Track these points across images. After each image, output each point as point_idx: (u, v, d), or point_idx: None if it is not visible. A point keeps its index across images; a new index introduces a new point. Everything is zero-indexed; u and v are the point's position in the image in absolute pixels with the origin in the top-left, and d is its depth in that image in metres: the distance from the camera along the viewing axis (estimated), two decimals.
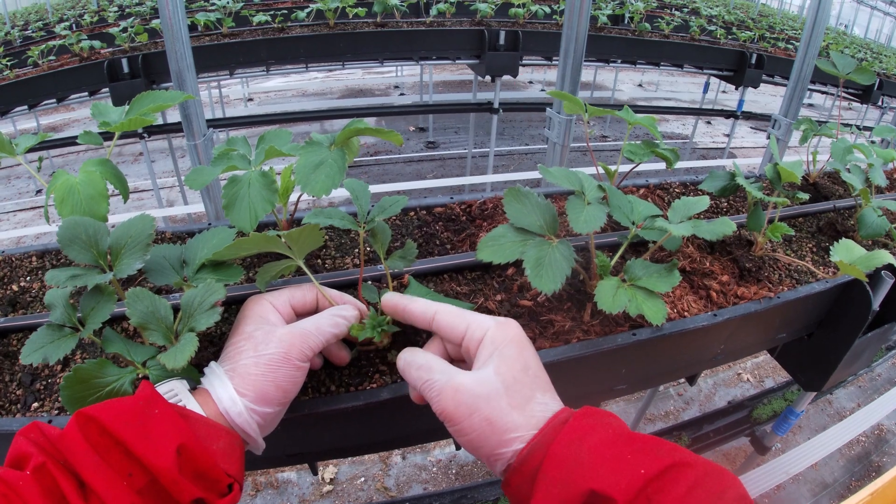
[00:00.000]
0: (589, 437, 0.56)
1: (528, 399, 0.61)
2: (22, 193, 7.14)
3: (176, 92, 0.92)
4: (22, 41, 6.16)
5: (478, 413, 0.60)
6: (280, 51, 4.30)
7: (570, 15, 2.12)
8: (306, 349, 0.68)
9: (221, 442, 0.60)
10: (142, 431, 0.54)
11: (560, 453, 0.55)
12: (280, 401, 0.66)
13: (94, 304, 0.69)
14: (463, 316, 0.68)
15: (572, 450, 0.55)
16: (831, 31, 11.63)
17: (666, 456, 0.54)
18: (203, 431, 0.59)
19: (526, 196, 0.84)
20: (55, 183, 0.80)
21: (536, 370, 0.64)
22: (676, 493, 0.51)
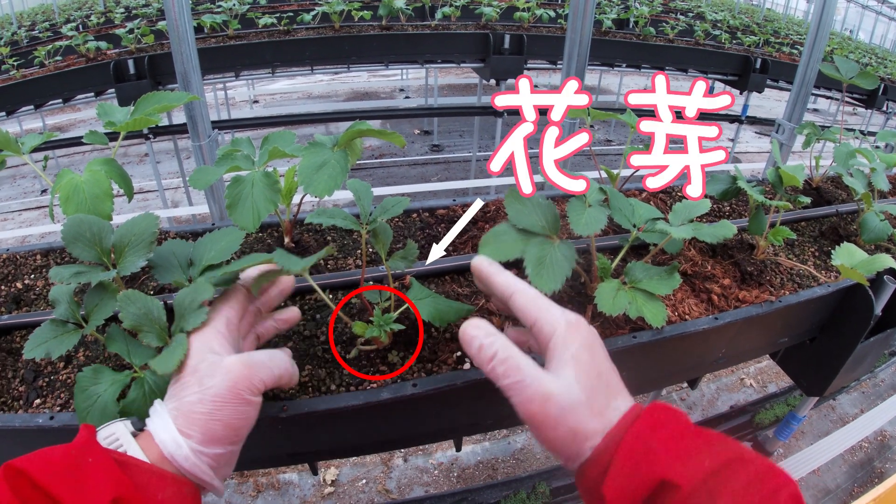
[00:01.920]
0: (658, 430, 0.58)
1: (605, 406, 0.61)
2: (27, 193, 7.17)
3: (181, 93, 0.93)
4: (29, 41, 6.20)
5: (564, 425, 0.61)
6: (285, 53, 4.31)
7: (573, 19, 2.12)
8: (257, 382, 0.62)
9: (168, 491, 0.55)
10: (74, 484, 0.50)
11: (632, 445, 0.57)
12: (231, 440, 0.61)
13: (98, 301, 0.69)
14: (536, 304, 0.67)
15: (643, 441, 0.57)
16: (836, 36, 11.62)
17: (728, 450, 0.56)
18: (144, 480, 0.54)
19: (527, 197, 0.84)
20: (60, 182, 0.81)
21: (608, 374, 0.65)
22: (736, 486, 0.53)
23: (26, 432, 0.73)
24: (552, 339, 0.64)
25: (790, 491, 0.54)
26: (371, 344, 0.81)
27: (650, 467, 0.55)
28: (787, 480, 0.55)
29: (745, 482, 0.53)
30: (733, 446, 0.57)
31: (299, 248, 1.06)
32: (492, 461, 3.26)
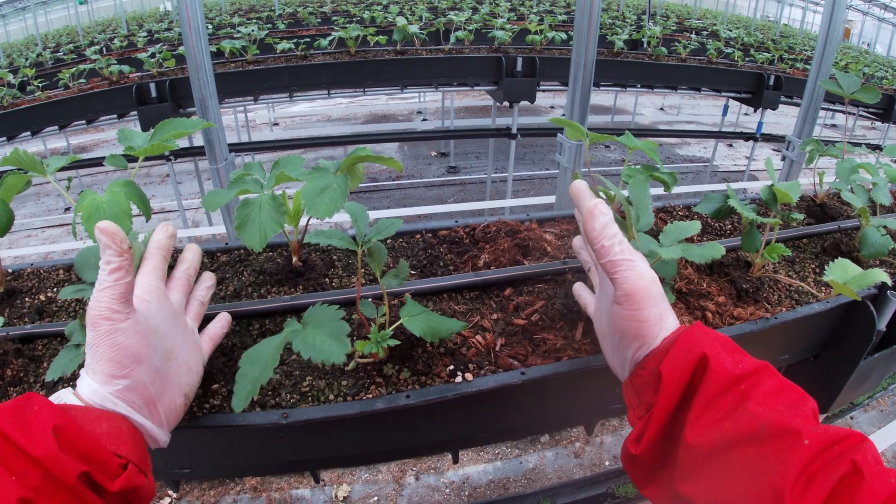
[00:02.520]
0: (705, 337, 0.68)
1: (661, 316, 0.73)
2: (51, 210, 7.36)
3: (197, 120, 0.98)
4: (53, 63, 6.41)
5: (657, 307, 0.73)
6: (303, 77, 4.42)
7: (578, 42, 2.17)
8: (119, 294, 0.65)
9: (105, 425, 0.61)
10: (20, 423, 0.56)
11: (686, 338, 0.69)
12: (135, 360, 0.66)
13: None
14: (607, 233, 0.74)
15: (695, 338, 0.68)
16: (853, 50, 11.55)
17: (758, 361, 0.66)
18: (80, 415, 0.60)
19: None
20: (82, 202, 0.86)
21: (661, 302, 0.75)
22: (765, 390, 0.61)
23: None
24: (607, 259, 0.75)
25: (812, 406, 0.61)
26: (368, 357, 0.85)
27: (695, 347, 0.67)
28: (808, 397, 0.63)
29: (775, 388, 0.62)
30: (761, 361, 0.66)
31: (307, 266, 1.11)
32: (503, 480, 3.25)
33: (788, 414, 0.58)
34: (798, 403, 0.60)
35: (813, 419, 0.59)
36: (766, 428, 0.58)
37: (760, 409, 0.59)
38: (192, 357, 0.78)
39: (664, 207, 1.48)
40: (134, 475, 0.61)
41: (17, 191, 0.99)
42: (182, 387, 0.74)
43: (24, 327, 0.97)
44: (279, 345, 0.71)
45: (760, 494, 0.56)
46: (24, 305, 1.06)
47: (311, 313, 0.77)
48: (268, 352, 0.71)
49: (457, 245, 1.22)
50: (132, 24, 10.88)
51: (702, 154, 9.68)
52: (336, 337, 0.72)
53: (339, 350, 0.70)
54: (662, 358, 0.68)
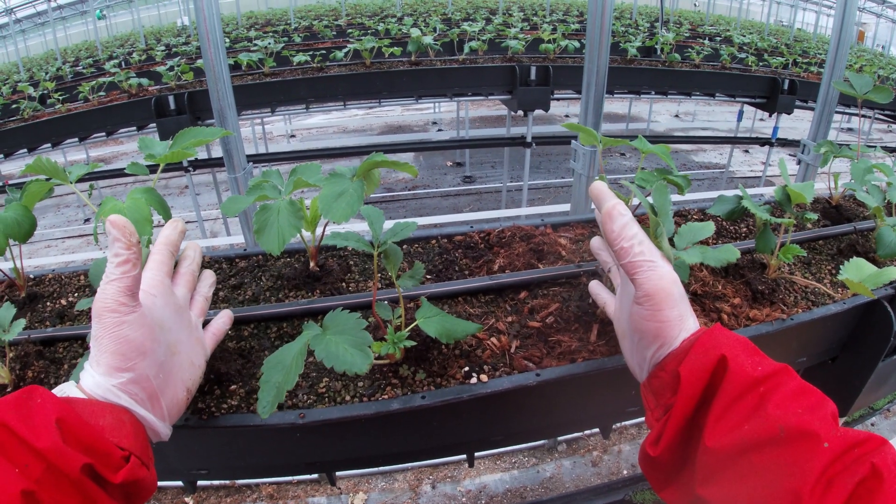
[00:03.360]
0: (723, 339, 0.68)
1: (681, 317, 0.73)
2: (70, 221, 7.49)
3: (216, 128, 1.00)
4: (73, 77, 6.54)
5: (678, 308, 0.73)
6: (319, 89, 4.47)
7: (590, 49, 2.18)
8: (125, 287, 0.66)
9: (108, 417, 0.62)
10: (24, 415, 0.57)
11: (705, 340, 0.68)
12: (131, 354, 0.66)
13: None
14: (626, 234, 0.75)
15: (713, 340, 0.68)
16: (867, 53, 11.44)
17: (779, 364, 0.65)
18: (86, 410, 0.61)
19: None
20: (104, 208, 0.89)
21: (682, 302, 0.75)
22: (784, 393, 0.61)
23: None
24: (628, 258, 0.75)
25: (832, 408, 0.61)
26: (384, 359, 0.86)
27: (714, 349, 0.66)
28: (828, 399, 0.62)
29: (794, 390, 0.62)
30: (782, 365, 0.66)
31: (324, 271, 1.12)
32: (520, 489, 3.24)
33: (807, 417, 0.58)
34: (817, 406, 0.60)
35: (832, 422, 0.59)
36: (786, 431, 0.58)
37: (779, 411, 0.59)
38: (195, 352, 0.79)
39: (679, 211, 1.48)
40: (136, 467, 0.62)
41: (39, 198, 1.02)
42: (185, 381, 0.75)
43: (45, 330, 1.00)
44: (302, 350, 0.72)
45: (780, 498, 0.56)
46: (46, 310, 1.09)
47: (332, 319, 0.77)
48: (290, 357, 0.71)
49: (472, 250, 1.23)
50: (150, 38, 11.06)
51: (717, 160, 9.62)
52: (359, 346, 0.72)
53: (362, 361, 0.71)
54: (682, 359, 0.68)
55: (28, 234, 1.02)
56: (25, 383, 0.89)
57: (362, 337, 0.74)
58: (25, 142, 4.53)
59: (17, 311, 0.93)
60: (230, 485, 3.22)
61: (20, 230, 1.01)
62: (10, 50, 12.58)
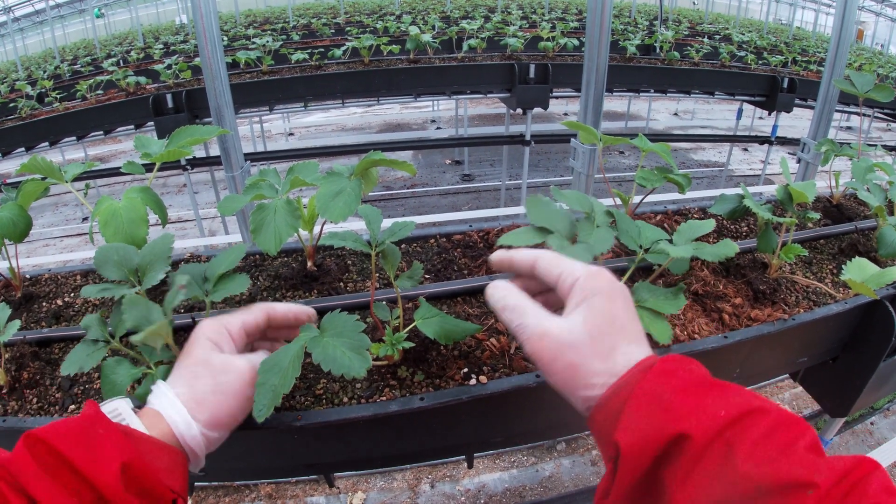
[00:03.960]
0: (673, 379, 0.59)
1: (612, 349, 0.63)
2: (68, 220, 7.47)
3: (212, 126, 1.00)
4: (71, 75, 6.53)
5: (562, 359, 0.64)
6: (317, 87, 4.45)
7: (590, 47, 2.17)
8: (252, 377, 0.70)
9: (165, 459, 0.62)
10: (87, 450, 0.56)
11: (645, 392, 0.58)
12: (230, 426, 0.70)
13: (121, 315, 0.76)
14: (558, 263, 0.70)
15: (656, 390, 0.58)
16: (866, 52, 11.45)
17: (745, 402, 0.56)
18: (146, 449, 0.61)
19: (546, 203, 0.87)
20: (100, 207, 0.88)
21: (625, 320, 0.66)
22: (753, 437, 0.53)
23: None
24: (573, 287, 0.67)
25: (809, 439, 0.54)
26: (382, 360, 0.85)
27: (665, 418, 0.56)
28: (806, 429, 0.55)
29: (763, 432, 0.54)
30: (750, 398, 0.57)
31: (321, 271, 1.11)
32: (519, 489, 3.23)
33: (784, 463, 0.52)
34: (793, 441, 0.53)
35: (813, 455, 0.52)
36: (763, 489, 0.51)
37: (751, 466, 0.52)
38: None
39: (679, 210, 1.47)
40: None
41: (35, 197, 1.01)
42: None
43: (41, 331, 0.99)
44: (299, 353, 0.71)
45: None
46: (42, 310, 1.08)
47: (330, 320, 0.76)
48: (287, 360, 0.70)
49: (471, 249, 1.22)
50: (148, 37, 11.04)
51: (717, 159, 9.62)
52: (357, 350, 0.71)
53: (360, 365, 0.69)
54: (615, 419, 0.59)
55: (24, 234, 1.01)
56: (21, 385, 0.88)
57: (360, 340, 0.72)
58: (23, 140, 4.52)
59: (13, 312, 0.93)
60: (228, 484, 3.21)
61: (15, 230, 1.00)
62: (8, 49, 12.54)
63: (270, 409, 0.66)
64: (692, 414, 0.55)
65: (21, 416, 0.84)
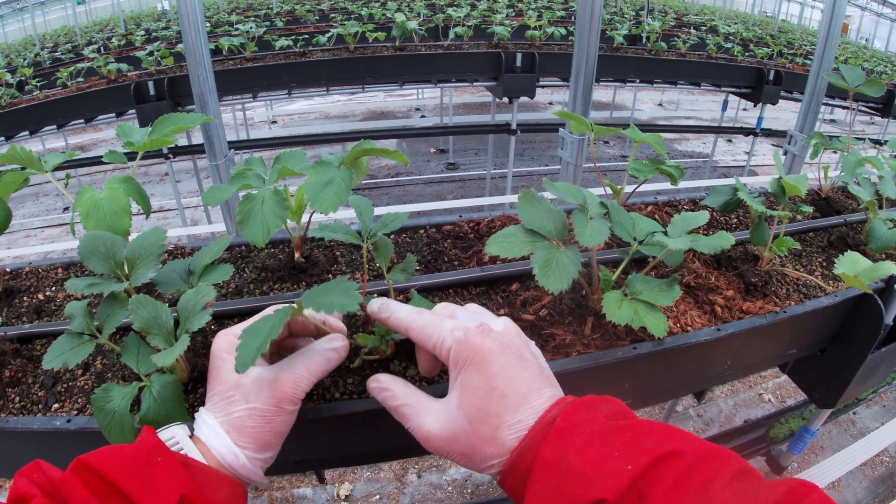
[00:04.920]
0: (577, 436, 0.56)
1: (496, 427, 0.60)
2: (49, 210, 7.34)
3: (196, 114, 0.97)
4: (51, 63, 6.39)
5: (451, 452, 0.63)
6: (301, 75, 4.39)
7: (580, 36, 2.15)
8: (299, 393, 0.67)
9: (224, 491, 0.61)
10: (144, 481, 0.54)
11: (548, 457, 0.55)
12: (278, 443, 0.68)
13: (110, 312, 0.73)
14: (428, 333, 0.66)
15: (560, 452, 0.55)
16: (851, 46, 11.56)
17: (656, 447, 0.53)
18: (205, 481, 0.59)
19: (539, 201, 0.86)
20: (81, 198, 0.85)
21: (504, 387, 0.61)
22: (665, 485, 0.50)
23: (44, 434, 0.77)
24: (448, 359, 0.64)
25: (731, 471, 0.51)
26: (374, 354, 0.83)
27: (573, 487, 0.53)
28: (726, 461, 0.52)
29: (676, 477, 0.51)
30: (663, 440, 0.54)
31: (309, 262, 1.09)
32: None
33: None
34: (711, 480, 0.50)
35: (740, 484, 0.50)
36: None
37: None
38: None
39: (669, 202, 1.46)
40: None
41: (14, 188, 0.98)
42: None
43: (22, 327, 0.96)
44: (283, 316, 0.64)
45: None
46: (23, 305, 1.04)
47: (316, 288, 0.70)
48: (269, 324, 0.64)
49: (461, 240, 1.21)
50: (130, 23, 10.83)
51: (701, 149, 9.67)
52: (346, 293, 0.65)
53: (351, 300, 0.64)
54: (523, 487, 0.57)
55: (3, 227, 0.98)
56: (2, 383, 0.85)
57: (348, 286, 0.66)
58: (2, 130, 4.41)
59: None
60: None
61: None
62: None
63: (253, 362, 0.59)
64: (600, 474, 0.52)
65: (3, 415, 0.81)
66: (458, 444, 0.61)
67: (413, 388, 0.68)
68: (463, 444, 0.61)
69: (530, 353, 0.66)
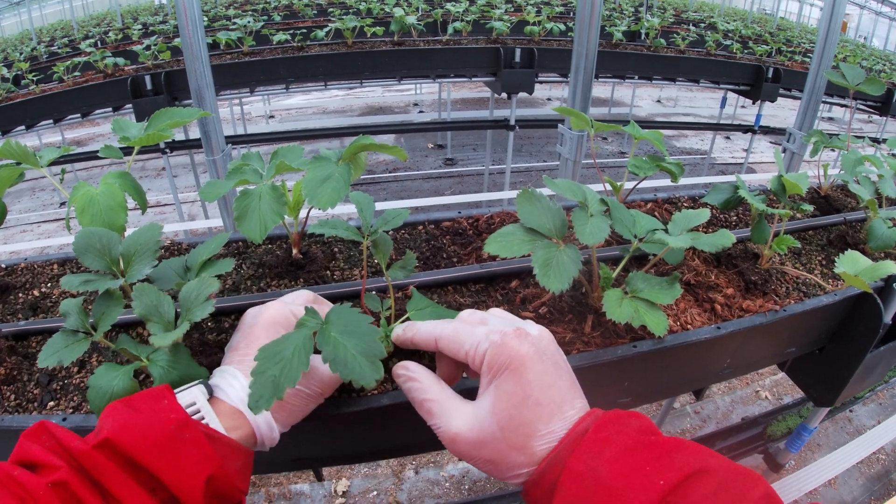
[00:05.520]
0: (607, 448, 0.55)
1: (528, 436, 0.58)
2: (46, 205, 7.32)
3: (193, 109, 0.96)
4: (48, 57, 6.35)
5: (477, 458, 0.61)
6: (299, 69, 4.37)
7: (580, 31, 2.14)
8: (336, 385, 0.72)
9: (240, 462, 0.62)
10: (173, 461, 0.55)
11: (577, 469, 0.54)
12: (297, 421, 0.70)
13: (105, 309, 0.72)
14: (461, 340, 0.64)
15: (590, 464, 0.54)
16: (850, 44, 11.55)
17: (686, 464, 0.53)
18: (226, 453, 0.60)
19: (538, 199, 0.85)
20: (76, 194, 0.84)
21: (539, 396, 0.59)
22: (695, 501, 0.50)
23: None
24: (482, 364, 0.62)
25: (758, 493, 0.51)
26: None
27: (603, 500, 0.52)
28: (754, 483, 0.52)
29: (705, 494, 0.51)
30: (693, 457, 0.54)
31: (307, 259, 1.08)
32: None
33: None
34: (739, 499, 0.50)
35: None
36: None
37: None
38: None
39: (669, 199, 1.46)
40: None
41: (9, 184, 0.97)
42: None
43: (17, 324, 0.95)
44: (305, 343, 0.62)
45: None
46: (18, 301, 1.03)
47: (338, 313, 0.67)
48: (291, 348, 0.61)
49: (460, 236, 1.20)
50: (127, 17, 10.77)
51: (699, 146, 9.67)
52: (370, 357, 0.63)
53: (372, 375, 0.61)
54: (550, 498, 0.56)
55: None
56: None
57: (375, 347, 0.64)
58: None
59: None
60: None
61: None
62: None
63: (270, 403, 0.58)
64: (631, 488, 0.52)
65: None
66: (485, 449, 0.60)
67: (443, 383, 0.66)
68: (491, 450, 0.59)
69: (564, 360, 0.65)
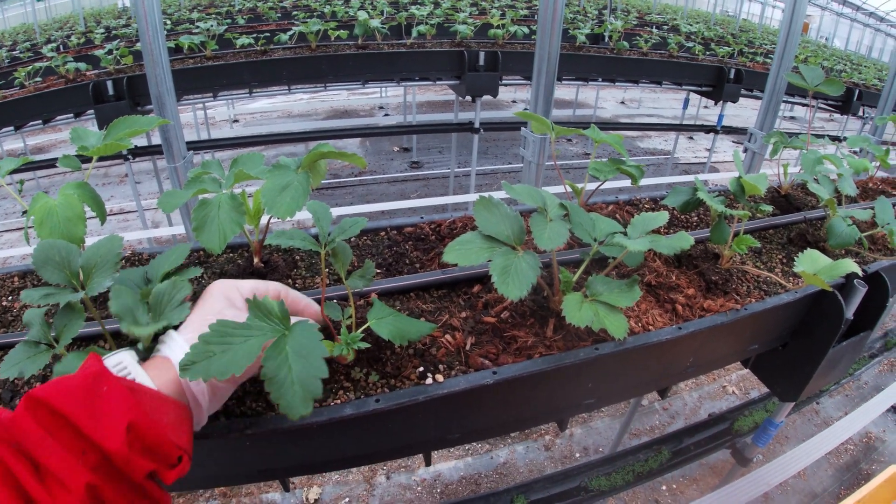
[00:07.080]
0: None
1: None
2: (8, 214, 7.11)
3: (152, 117, 0.94)
4: (9, 62, 6.17)
5: None
6: (263, 73, 4.32)
7: (541, 35, 2.15)
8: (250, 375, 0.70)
9: (171, 414, 0.60)
10: (91, 410, 0.54)
11: None
12: (237, 380, 0.70)
13: (67, 322, 0.72)
14: None
15: None
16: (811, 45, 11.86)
17: None
18: (152, 405, 0.59)
19: (496, 206, 0.86)
20: (35, 205, 0.82)
21: None
22: None
23: None
24: None
25: None
26: (335, 361, 0.82)
27: None
28: None
29: None
30: None
31: (269, 267, 1.06)
32: (474, 476, 3.25)
33: None
34: None
35: None
36: None
37: None
38: None
39: (630, 200, 1.47)
40: (186, 465, 0.61)
41: None
42: None
43: None
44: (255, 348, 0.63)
45: None
46: None
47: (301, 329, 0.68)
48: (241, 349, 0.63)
49: (423, 242, 1.20)
50: (90, 20, 10.53)
51: (663, 147, 9.81)
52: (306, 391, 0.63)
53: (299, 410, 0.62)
54: None
55: None
56: None
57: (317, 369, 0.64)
58: None
59: None
60: None
61: None
62: None
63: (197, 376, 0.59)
64: None
65: None
66: None
67: None
68: None
69: None
